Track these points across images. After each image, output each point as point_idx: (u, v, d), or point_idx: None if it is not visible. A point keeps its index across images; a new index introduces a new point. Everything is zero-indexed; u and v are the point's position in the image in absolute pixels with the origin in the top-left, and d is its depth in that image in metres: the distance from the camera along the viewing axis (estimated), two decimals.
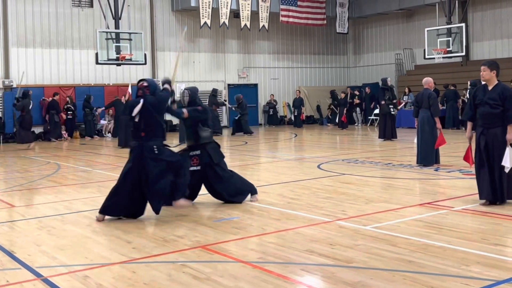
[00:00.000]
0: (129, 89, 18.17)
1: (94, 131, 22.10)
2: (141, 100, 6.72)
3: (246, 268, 4.68)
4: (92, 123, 22.00)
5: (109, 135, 22.54)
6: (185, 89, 7.85)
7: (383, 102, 16.65)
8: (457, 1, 23.77)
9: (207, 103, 20.98)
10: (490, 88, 7.02)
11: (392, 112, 16.66)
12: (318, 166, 11.33)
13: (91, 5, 23.26)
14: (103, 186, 9.68)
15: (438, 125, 10.58)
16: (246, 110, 21.74)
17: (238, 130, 21.67)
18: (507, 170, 6.71)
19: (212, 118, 21.14)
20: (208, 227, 6.21)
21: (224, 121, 27.02)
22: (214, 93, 21.77)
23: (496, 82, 7.02)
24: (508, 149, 6.70)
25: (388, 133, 16.65)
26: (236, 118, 21.84)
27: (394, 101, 17.35)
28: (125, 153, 15.54)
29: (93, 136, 21.86)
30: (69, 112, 22.08)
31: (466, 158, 7.53)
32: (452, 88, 22.31)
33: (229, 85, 27.10)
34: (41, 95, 22.13)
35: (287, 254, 5.06)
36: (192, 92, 7.77)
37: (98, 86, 23.33)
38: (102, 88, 23.34)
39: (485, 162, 6.92)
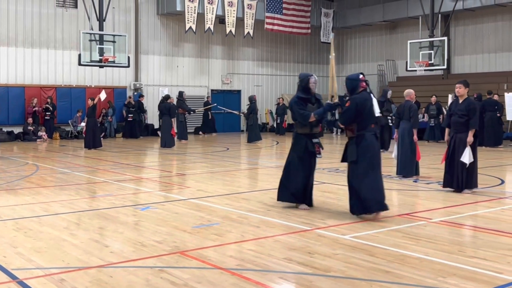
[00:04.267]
0: (101, 95, 18.00)
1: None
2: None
3: (224, 275, 4.67)
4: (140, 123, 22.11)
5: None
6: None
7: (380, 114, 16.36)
8: (440, 15, 24.12)
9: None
10: (460, 101, 8.85)
11: (390, 124, 16.54)
12: None
13: (76, 6, 23.12)
14: (82, 188, 9.60)
15: (415, 137, 10.69)
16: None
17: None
18: (467, 164, 8.55)
19: (177, 124, 20.81)
20: (187, 233, 6.19)
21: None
22: (180, 96, 21.04)
23: (466, 96, 8.89)
24: (467, 149, 8.59)
25: (386, 144, 16.22)
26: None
27: (391, 114, 17.19)
28: (98, 155, 15.51)
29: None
30: (47, 113, 21.86)
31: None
32: (494, 97, 19.28)
33: (212, 90, 27.09)
34: (22, 95, 21.91)
35: (265, 262, 5.06)
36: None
37: (80, 88, 23.16)
38: (83, 89, 23.18)
39: (450, 159, 8.84)
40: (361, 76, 7.24)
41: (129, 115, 23.29)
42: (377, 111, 7.06)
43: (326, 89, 30.96)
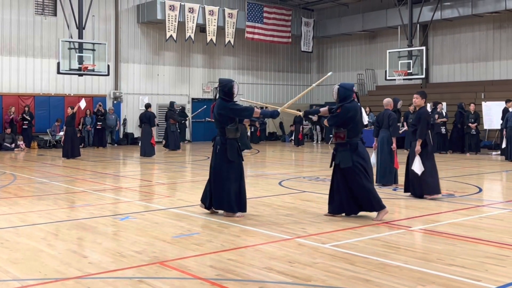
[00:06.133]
0: (81, 103, 17.81)
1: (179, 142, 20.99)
2: None
3: (204, 285, 4.63)
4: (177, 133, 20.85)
5: None
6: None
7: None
8: (418, 25, 24.43)
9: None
10: (417, 109, 9.29)
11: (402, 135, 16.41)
12: (280, 183, 11.37)
13: (55, 14, 22.96)
14: (60, 198, 9.48)
15: (394, 146, 10.79)
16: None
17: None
18: (419, 173, 9.00)
19: (168, 134, 20.58)
20: (167, 243, 6.14)
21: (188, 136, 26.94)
22: (171, 106, 20.96)
23: (422, 106, 9.22)
24: (417, 158, 9.03)
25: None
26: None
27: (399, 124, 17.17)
28: (76, 164, 15.34)
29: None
30: (25, 122, 21.60)
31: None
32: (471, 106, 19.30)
33: (193, 99, 27.04)
34: (0, 103, 21.66)
35: (245, 271, 5.03)
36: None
37: (58, 96, 22.95)
38: (62, 98, 22.98)
39: (406, 165, 9.44)
40: (354, 87, 7.69)
41: (98, 123, 22.96)
42: (365, 120, 7.68)
43: (306, 99, 31.15)
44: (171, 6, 24.17)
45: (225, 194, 7.52)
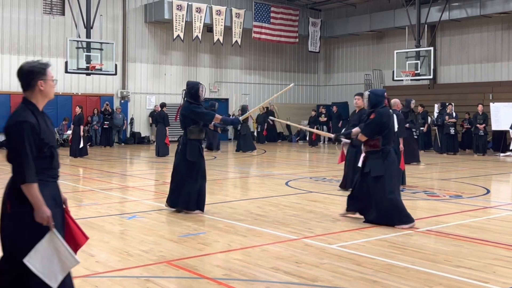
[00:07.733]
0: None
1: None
2: None
3: (210, 285, 4.64)
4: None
5: None
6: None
7: (407, 125, 14.20)
8: (426, 25, 24.34)
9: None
10: (356, 111, 9.64)
11: (416, 136, 16.20)
12: (286, 183, 11.36)
13: (63, 13, 23.04)
14: (67, 197, 9.48)
15: (401, 146, 10.72)
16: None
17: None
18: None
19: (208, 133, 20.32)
20: (174, 242, 6.15)
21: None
22: (213, 107, 21.04)
23: (362, 107, 9.32)
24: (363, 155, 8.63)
25: (410, 156, 14.73)
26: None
27: (419, 125, 17.27)
28: (83, 163, 15.38)
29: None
30: None
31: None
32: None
33: None
34: (8, 103, 21.72)
35: (252, 271, 5.04)
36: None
37: (66, 95, 23.02)
38: (70, 97, 23.04)
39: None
40: (385, 93, 7.56)
41: (105, 122, 22.97)
42: (396, 127, 7.66)
43: (313, 99, 31.13)
44: (179, 6, 24.21)
45: (183, 193, 7.72)
